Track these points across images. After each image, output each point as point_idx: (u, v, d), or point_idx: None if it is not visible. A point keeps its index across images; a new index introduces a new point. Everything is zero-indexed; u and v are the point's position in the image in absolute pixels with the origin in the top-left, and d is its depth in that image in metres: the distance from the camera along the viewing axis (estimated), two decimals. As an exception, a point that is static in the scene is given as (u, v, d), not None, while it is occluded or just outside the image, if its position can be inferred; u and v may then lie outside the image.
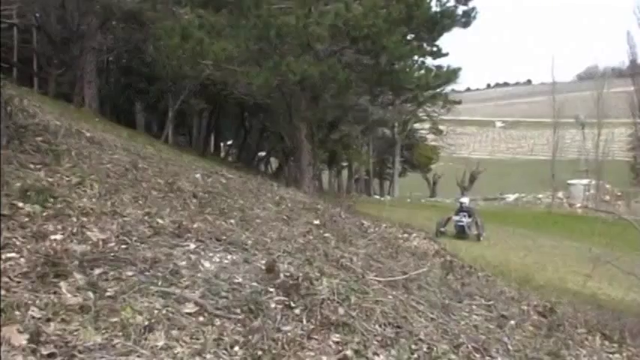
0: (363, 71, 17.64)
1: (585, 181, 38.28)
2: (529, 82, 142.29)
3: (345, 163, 40.79)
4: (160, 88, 22.93)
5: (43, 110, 6.95)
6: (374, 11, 14.34)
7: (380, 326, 3.25)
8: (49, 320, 2.35)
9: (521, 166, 64.30)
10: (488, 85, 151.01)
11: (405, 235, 8.18)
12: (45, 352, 2.16)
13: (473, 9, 18.83)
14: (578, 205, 35.19)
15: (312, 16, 14.38)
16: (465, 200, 20.16)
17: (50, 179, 4.15)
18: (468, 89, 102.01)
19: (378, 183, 49.08)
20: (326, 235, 5.73)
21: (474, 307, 4.52)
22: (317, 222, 6.38)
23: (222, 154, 34.41)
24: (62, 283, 2.64)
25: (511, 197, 40.58)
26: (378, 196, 39.37)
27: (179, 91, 22.03)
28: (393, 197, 38.42)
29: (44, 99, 14.15)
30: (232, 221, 4.91)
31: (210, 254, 3.55)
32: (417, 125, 45.22)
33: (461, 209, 19.09)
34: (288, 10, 14.59)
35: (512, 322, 4.39)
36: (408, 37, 17.96)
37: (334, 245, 5.24)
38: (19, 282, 2.55)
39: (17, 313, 2.32)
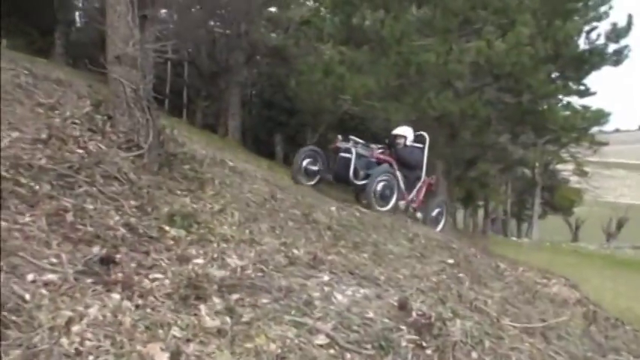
0: (505, 109, 17.19)
1: None
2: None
3: (481, 202, 39.72)
4: (299, 121, 23.57)
5: (191, 140, 7.33)
6: (518, 49, 13.98)
7: (515, 374, 3.10)
8: (188, 341, 2.44)
9: (675, 214, 59.83)
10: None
11: (544, 281, 7.79)
12: (184, 372, 2.24)
13: (625, 47, 17.84)
14: None
15: (453, 53, 14.26)
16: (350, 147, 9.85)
17: (195, 205, 4.35)
18: (617, 130, 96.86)
19: (515, 224, 47.38)
20: (460, 275, 5.58)
21: (619, 362, 4.23)
22: (451, 261, 6.24)
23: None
24: (202, 306, 2.74)
25: (664, 247, 37.75)
26: (515, 238, 37.92)
27: (317, 124, 22.55)
28: (531, 240, 36.84)
29: (192, 129, 14.95)
30: (365, 255, 4.91)
31: (343, 287, 3.56)
32: (559, 166, 43.30)
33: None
34: (429, 47, 14.57)
35: (664, 382, 4.06)
36: (553, 76, 17.36)
37: (468, 286, 5.10)
38: (163, 302, 2.68)
39: (160, 331, 2.43)
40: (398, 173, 9.86)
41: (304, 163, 10.03)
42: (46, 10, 18.15)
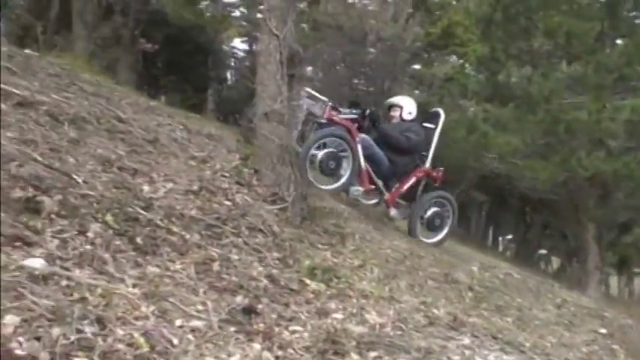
0: (664, 171, 16.07)
1: None
2: None
3: (638, 269, 36.98)
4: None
5: (332, 195, 7.44)
6: (680, 107, 13.12)
7: None
8: (324, 397, 2.42)
9: None
10: None
11: None
12: None
13: None
14: None
15: (606, 111, 13.62)
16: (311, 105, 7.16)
17: (335, 260, 4.38)
18: None
19: (678, 295, 43.62)
20: (614, 346, 5.20)
21: None
22: (603, 331, 5.84)
23: (500, 249, 33.51)
24: (340, 362, 2.72)
25: None
26: (677, 310, 34.82)
27: (460, 182, 22.21)
28: (697, 313, 33.64)
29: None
30: (509, 319, 4.71)
31: (485, 352, 3.41)
32: None
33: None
34: (580, 105, 14.02)
35: None
36: None
37: (623, 359, 4.74)
38: (301, 355, 2.68)
39: (297, 385, 2.43)
40: (360, 147, 7.09)
41: None
42: (201, 69, 19.43)
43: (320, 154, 6.67)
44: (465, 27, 18.11)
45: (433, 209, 7.81)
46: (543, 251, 32.82)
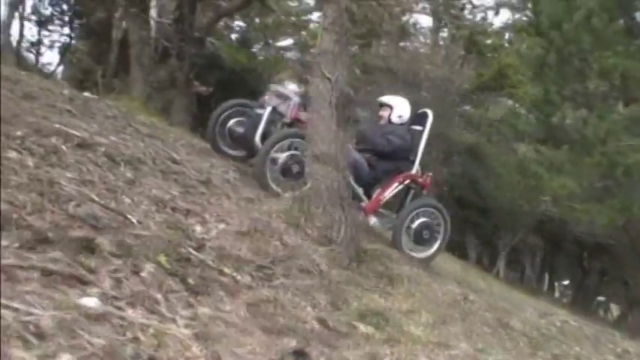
0: None
1: None
2: None
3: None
4: (494, 222, 22.95)
5: (381, 237, 7.39)
6: None
7: None
8: None
9: None
10: None
11: None
12: None
13: None
14: None
15: (666, 154, 13.26)
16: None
17: (385, 303, 4.32)
18: None
19: None
20: (680, 400, 4.98)
21: None
22: (668, 384, 5.60)
23: (557, 295, 32.62)
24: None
25: None
26: None
27: (513, 226, 21.82)
28: None
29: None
30: (568, 369, 4.56)
31: (542, 403, 3.30)
32: None
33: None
34: (638, 147, 13.68)
35: None
36: None
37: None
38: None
39: None
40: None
41: (230, 123, 6.71)
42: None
43: (282, 156, 6.01)
44: (516, 69, 18.03)
45: (421, 219, 6.94)
46: (602, 298, 31.79)
